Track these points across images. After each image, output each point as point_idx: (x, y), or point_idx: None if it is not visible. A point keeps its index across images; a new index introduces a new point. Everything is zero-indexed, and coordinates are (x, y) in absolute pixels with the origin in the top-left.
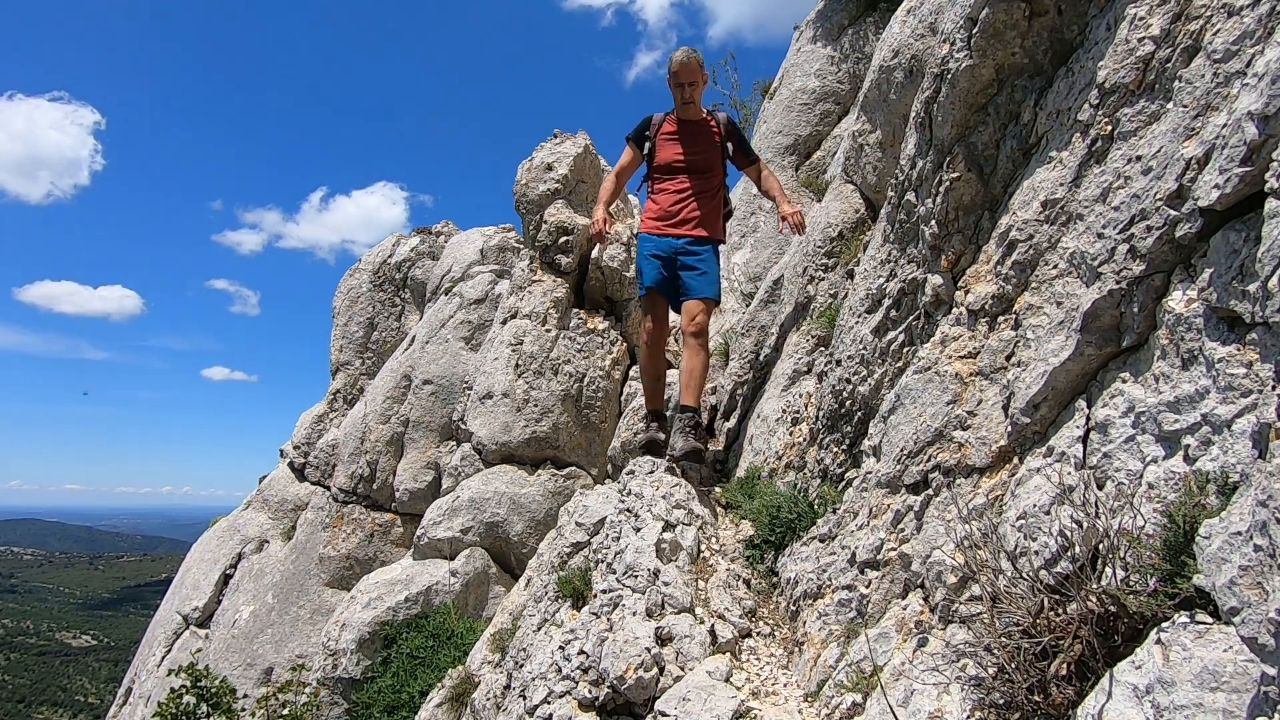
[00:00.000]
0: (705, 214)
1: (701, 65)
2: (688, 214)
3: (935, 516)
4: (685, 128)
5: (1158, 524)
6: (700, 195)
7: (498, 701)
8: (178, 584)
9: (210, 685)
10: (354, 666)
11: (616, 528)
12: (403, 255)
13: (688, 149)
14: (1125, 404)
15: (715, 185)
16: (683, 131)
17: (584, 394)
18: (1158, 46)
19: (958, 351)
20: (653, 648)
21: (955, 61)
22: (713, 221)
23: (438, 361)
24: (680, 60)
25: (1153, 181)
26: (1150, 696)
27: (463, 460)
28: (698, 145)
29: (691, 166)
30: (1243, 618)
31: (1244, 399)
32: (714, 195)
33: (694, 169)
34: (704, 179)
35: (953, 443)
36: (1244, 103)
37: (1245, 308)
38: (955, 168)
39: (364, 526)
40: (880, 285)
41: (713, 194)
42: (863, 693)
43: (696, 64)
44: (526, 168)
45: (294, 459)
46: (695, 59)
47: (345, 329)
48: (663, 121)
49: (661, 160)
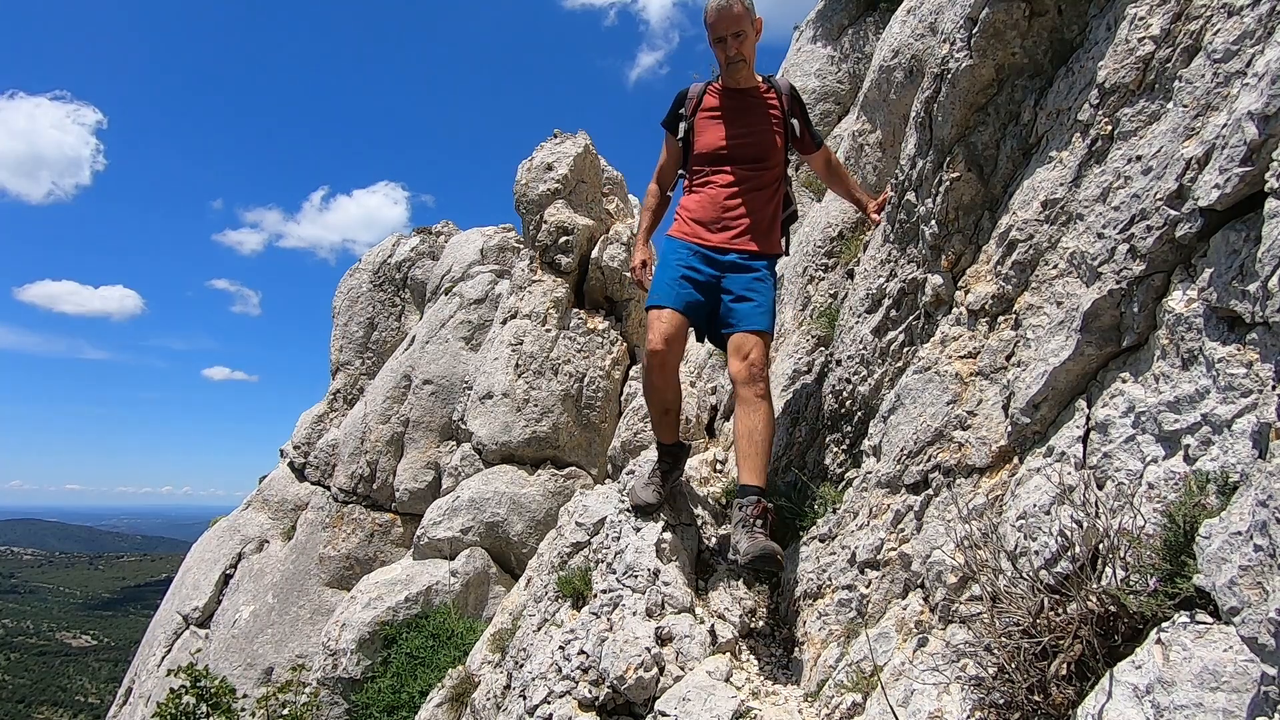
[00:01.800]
0: (759, 219)
1: (750, 8)
2: (736, 218)
3: (935, 516)
4: (733, 100)
5: (1158, 524)
6: (753, 193)
7: (498, 701)
8: (178, 584)
9: (210, 685)
10: (354, 666)
11: (616, 527)
12: (403, 255)
13: (736, 130)
14: (1125, 404)
15: (773, 179)
16: (729, 106)
17: (584, 394)
18: (1158, 46)
19: (958, 351)
20: (653, 648)
21: (955, 61)
22: (769, 229)
23: (438, 361)
24: (718, 6)
25: (1153, 181)
26: (1150, 696)
27: (463, 460)
28: (750, 124)
29: (741, 154)
30: (1243, 618)
31: (1244, 399)
32: (772, 193)
33: (744, 157)
34: (758, 170)
35: (953, 443)
36: (1244, 103)
37: (1245, 308)
38: (955, 168)
39: (364, 526)
40: (880, 285)
41: (770, 191)
42: (863, 692)
43: (741, 7)
44: (527, 167)
45: (294, 459)
46: (739, 1)
47: (345, 329)
48: (703, 94)
49: (703, 147)
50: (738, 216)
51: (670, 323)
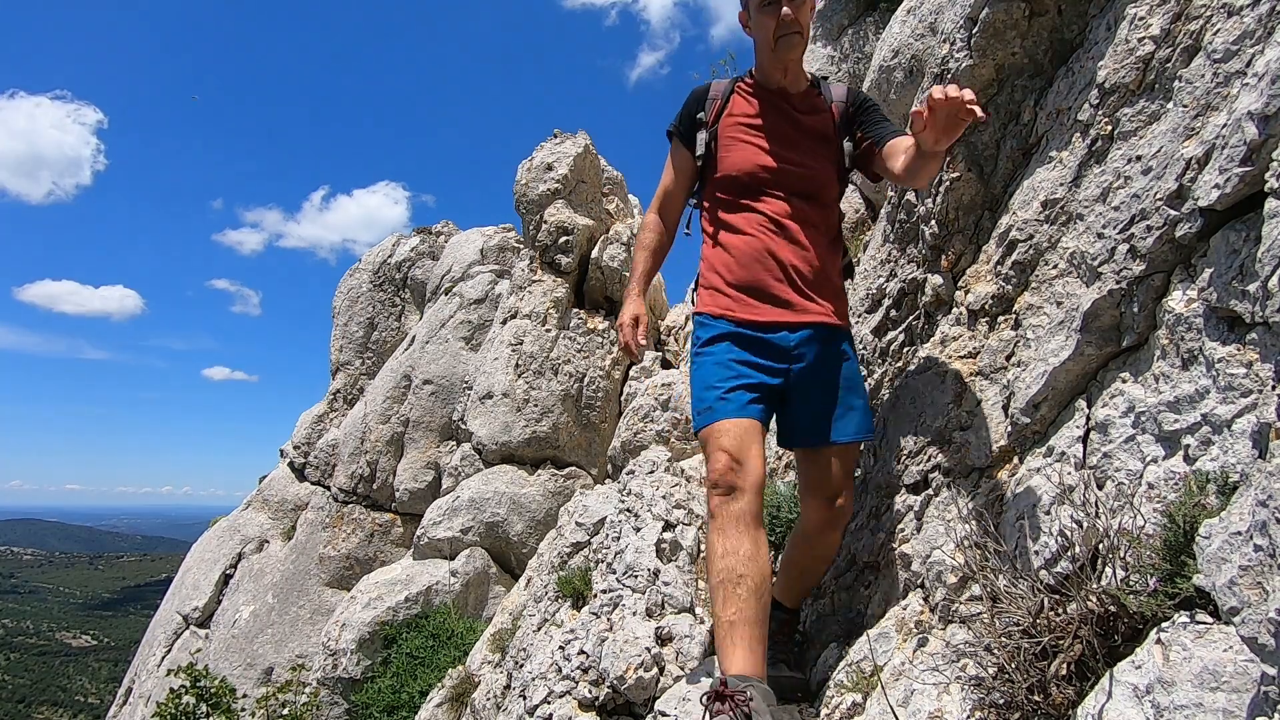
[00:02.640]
0: (827, 276)
1: None
2: (802, 279)
3: (935, 516)
4: (775, 104)
5: (1158, 524)
6: (815, 238)
7: (498, 701)
8: (178, 584)
9: (210, 685)
10: (354, 666)
11: (616, 527)
12: (403, 255)
13: (783, 147)
14: (1125, 404)
15: (832, 218)
16: (771, 110)
17: (584, 394)
18: (1158, 46)
19: (958, 351)
20: (653, 648)
21: (955, 61)
22: (838, 288)
23: (438, 361)
24: None
25: (1153, 181)
26: (1150, 696)
27: (463, 460)
28: (803, 139)
29: (792, 182)
30: (1243, 618)
31: (1244, 399)
32: (833, 237)
33: (797, 187)
34: (814, 206)
35: (953, 443)
36: (1244, 103)
37: (1245, 308)
38: (955, 167)
39: (364, 526)
40: (880, 285)
41: (831, 234)
42: (863, 693)
43: None
44: (527, 167)
45: (294, 459)
46: None
47: (345, 329)
48: (730, 94)
49: (734, 168)
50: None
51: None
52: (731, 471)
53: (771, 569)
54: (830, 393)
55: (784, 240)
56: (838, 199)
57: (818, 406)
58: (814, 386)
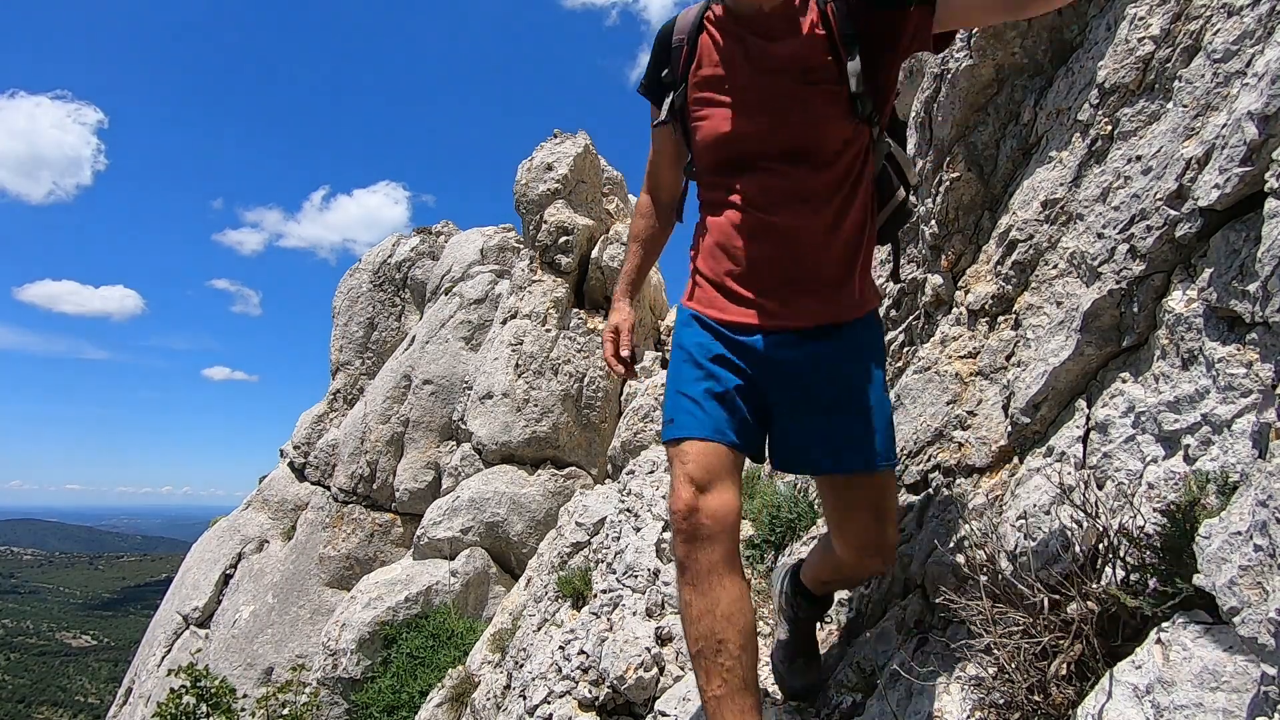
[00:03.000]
0: (830, 260)
1: None
2: (783, 273)
3: (935, 516)
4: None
5: (1158, 524)
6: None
7: (498, 701)
8: (178, 584)
9: (210, 685)
10: (354, 666)
11: (616, 527)
12: (403, 255)
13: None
14: (1125, 404)
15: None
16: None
17: (584, 394)
18: (1158, 46)
19: (958, 351)
20: (653, 648)
21: (955, 61)
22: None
23: (438, 361)
24: None
25: (1153, 181)
26: (1150, 696)
27: (463, 460)
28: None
29: (771, 148)
30: (1243, 618)
31: (1244, 399)
32: (844, 198)
33: (782, 151)
34: (810, 170)
35: (953, 443)
36: (1244, 103)
37: (1245, 308)
38: (955, 167)
39: (364, 526)
40: (880, 285)
41: (841, 196)
42: (863, 693)
43: None
44: (527, 168)
45: (294, 459)
46: None
47: (345, 329)
48: (698, 27)
49: (702, 141)
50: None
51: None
52: (696, 513)
53: (755, 614)
54: (827, 408)
55: (760, 228)
56: (848, 145)
57: (809, 424)
58: (800, 401)
